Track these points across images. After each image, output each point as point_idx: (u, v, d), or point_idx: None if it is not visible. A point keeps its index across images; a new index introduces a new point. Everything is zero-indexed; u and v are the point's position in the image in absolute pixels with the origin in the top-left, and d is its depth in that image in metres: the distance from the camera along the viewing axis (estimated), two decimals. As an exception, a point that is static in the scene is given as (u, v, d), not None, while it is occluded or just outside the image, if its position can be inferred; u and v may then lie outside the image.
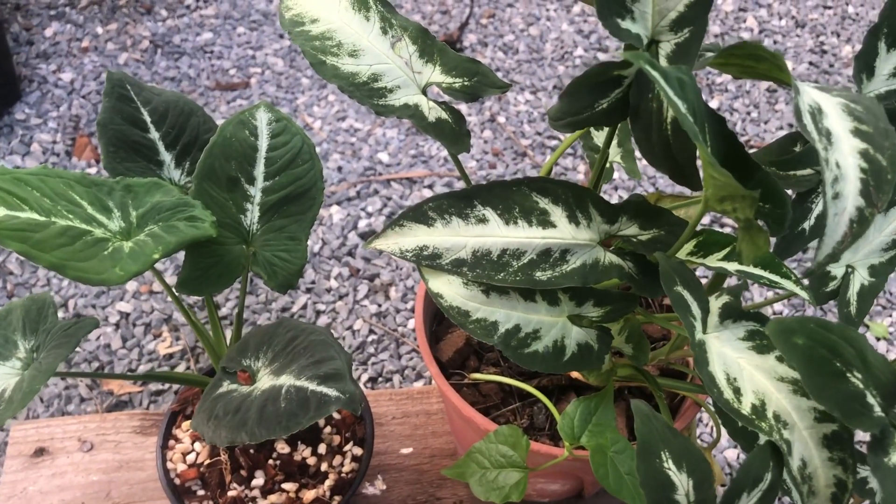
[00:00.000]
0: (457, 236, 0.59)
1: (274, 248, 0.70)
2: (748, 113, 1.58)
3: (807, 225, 0.59)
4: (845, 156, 0.42)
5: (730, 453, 1.11)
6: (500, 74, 1.62)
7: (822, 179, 0.41)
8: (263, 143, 0.73)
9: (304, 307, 1.24)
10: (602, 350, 0.61)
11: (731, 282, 1.04)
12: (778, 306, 1.29)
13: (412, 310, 1.25)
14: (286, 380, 0.57)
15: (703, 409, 0.72)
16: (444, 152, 1.47)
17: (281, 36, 1.66)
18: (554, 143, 1.51)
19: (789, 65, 1.73)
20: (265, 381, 0.59)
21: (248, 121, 0.73)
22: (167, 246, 0.62)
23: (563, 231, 0.59)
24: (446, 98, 1.16)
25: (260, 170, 0.73)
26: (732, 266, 0.60)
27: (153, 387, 1.14)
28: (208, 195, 0.70)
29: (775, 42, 1.73)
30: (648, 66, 0.45)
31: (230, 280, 0.69)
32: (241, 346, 0.65)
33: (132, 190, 0.66)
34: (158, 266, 1.26)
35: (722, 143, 0.51)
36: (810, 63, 1.69)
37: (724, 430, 0.81)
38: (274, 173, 0.73)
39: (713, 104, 1.55)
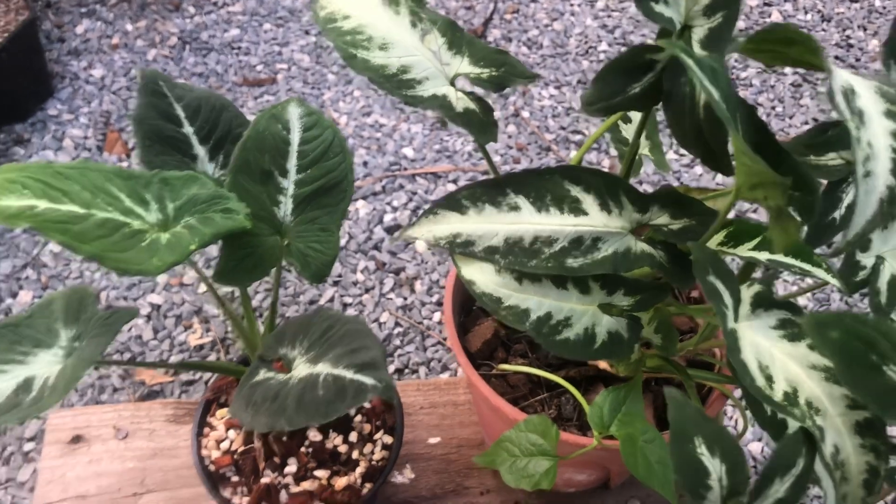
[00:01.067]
0: (489, 224, 0.60)
1: (307, 240, 0.72)
2: (773, 108, 1.58)
3: (837, 214, 0.59)
4: (877, 136, 0.42)
5: (754, 446, 1.11)
6: (524, 69, 1.63)
7: (854, 158, 0.42)
8: (296, 137, 0.74)
9: (332, 300, 1.26)
10: (632, 339, 0.61)
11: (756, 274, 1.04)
12: (802, 300, 1.28)
13: (437, 303, 1.26)
14: (323, 368, 0.58)
15: (729, 401, 0.72)
16: (469, 147, 1.47)
17: (307, 32, 1.67)
18: (578, 138, 1.51)
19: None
20: (302, 369, 0.61)
21: (280, 115, 0.74)
22: (203, 237, 0.63)
23: (594, 219, 0.60)
24: (474, 89, 1.17)
25: (293, 163, 0.74)
26: (763, 255, 0.60)
27: (184, 377, 1.16)
28: (243, 188, 0.71)
29: (801, 36, 1.72)
30: (683, 54, 0.46)
31: (265, 270, 0.71)
32: (278, 334, 0.67)
33: (169, 183, 0.68)
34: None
35: (753, 131, 0.52)
36: (836, 57, 1.68)
37: (749, 424, 0.81)
38: (306, 166, 0.74)
39: (738, 98, 1.54)
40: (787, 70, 1.63)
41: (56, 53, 1.59)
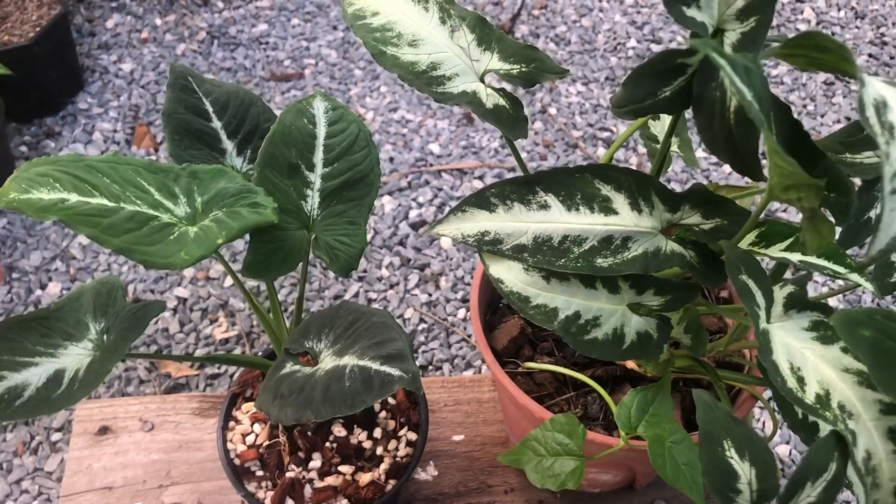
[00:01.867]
0: (518, 222, 0.60)
1: (334, 233, 0.72)
2: (804, 106, 1.55)
3: (873, 214, 0.58)
4: (912, 149, 0.41)
5: (782, 449, 1.10)
6: (551, 66, 1.62)
7: (881, 174, 0.41)
8: (321, 131, 0.74)
9: (356, 295, 1.26)
10: (661, 339, 0.61)
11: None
12: (832, 301, 1.27)
13: (462, 300, 1.26)
14: (349, 360, 0.58)
15: (758, 403, 0.71)
16: (495, 143, 1.47)
17: (334, 27, 1.67)
18: (606, 135, 1.50)
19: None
20: (328, 361, 0.61)
21: (305, 109, 0.74)
22: (231, 231, 0.63)
23: (625, 218, 0.59)
24: (504, 85, 1.16)
25: (319, 157, 0.74)
26: (795, 256, 0.59)
27: (209, 370, 1.16)
28: (270, 182, 0.71)
29: (833, 34, 1.69)
30: (715, 54, 0.45)
31: (293, 264, 0.71)
32: (304, 328, 0.67)
33: (198, 176, 0.68)
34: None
35: (787, 132, 0.51)
36: (870, 55, 1.65)
37: (777, 427, 0.80)
38: (332, 160, 0.74)
39: (769, 96, 1.52)
40: (819, 68, 1.60)
41: (87, 47, 1.61)
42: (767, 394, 0.90)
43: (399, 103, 1.54)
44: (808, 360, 0.52)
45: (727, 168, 1.43)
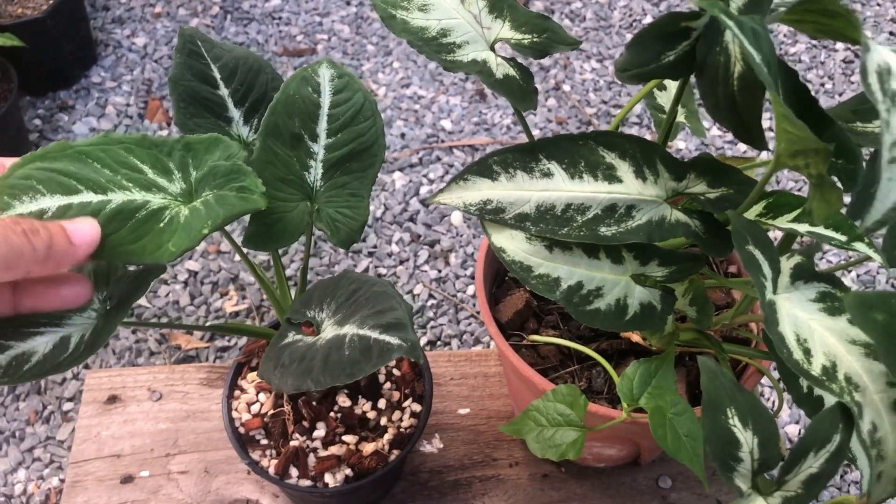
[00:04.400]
0: (521, 190, 0.59)
1: (337, 205, 0.71)
2: (822, 84, 1.53)
3: (884, 185, 0.57)
4: (911, 119, 0.40)
5: (791, 429, 1.09)
6: (565, 42, 1.60)
7: (881, 142, 0.40)
8: (326, 100, 0.73)
9: (366, 270, 1.26)
10: (665, 311, 0.60)
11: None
12: (847, 281, 1.25)
13: (471, 276, 1.26)
14: (349, 329, 0.58)
15: (767, 382, 0.71)
16: (507, 120, 1.46)
17: (347, 3, 1.66)
18: (619, 110, 1.48)
19: (868, 35, 1.66)
20: (329, 331, 0.60)
21: (311, 77, 0.73)
22: (216, 220, 0.59)
23: (629, 186, 0.58)
24: (515, 54, 1.15)
25: (323, 126, 0.73)
26: (803, 227, 0.58)
27: (219, 342, 1.17)
28: (272, 152, 0.71)
29: (854, 11, 1.66)
30: (723, 15, 0.44)
31: (294, 236, 0.70)
32: (306, 298, 0.67)
33: (192, 148, 0.65)
34: (227, 227, 1.29)
35: (794, 97, 0.50)
36: (891, 33, 1.62)
37: (784, 404, 0.79)
38: (336, 130, 0.73)
39: (787, 74, 1.50)
40: (839, 46, 1.57)
41: (100, 21, 1.61)
42: (776, 374, 0.89)
43: (412, 79, 1.53)
44: (814, 331, 0.51)
45: (742, 146, 1.41)
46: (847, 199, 1.06)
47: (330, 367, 0.55)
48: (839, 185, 0.49)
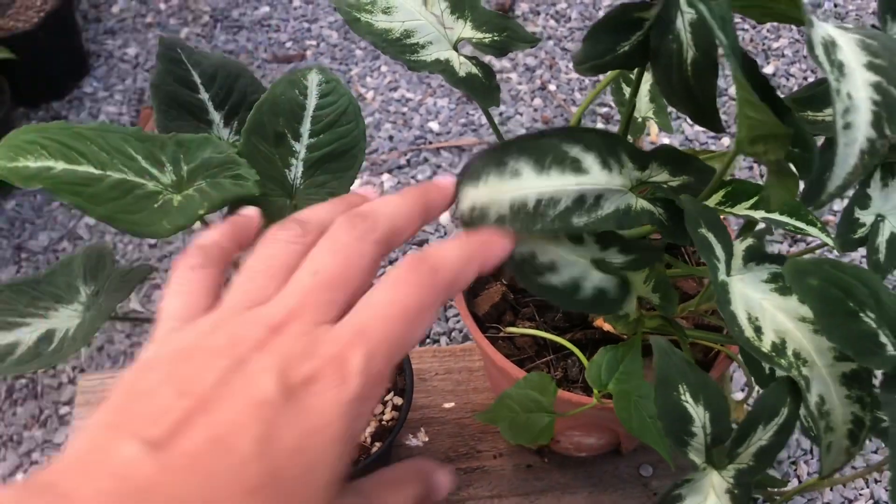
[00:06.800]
0: (497, 192, 0.60)
1: (315, 202, 0.73)
2: (805, 78, 1.55)
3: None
4: (858, 88, 0.42)
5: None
6: (551, 42, 1.62)
7: (833, 111, 0.42)
8: (311, 102, 0.76)
9: (355, 271, 1.28)
10: (618, 298, 0.61)
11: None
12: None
13: (459, 274, 1.27)
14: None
15: (737, 364, 0.72)
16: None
17: (335, 9, 1.69)
18: (605, 110, 1.50)
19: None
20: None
21: (298, 81, 0.76)
22: (212, 202, 0.64)
23: (595, 177, 0.60)
24: (477, 53, 1.17)
25: (306, 127, 0.75)
26: (759, 214, 0.60)
27: (211, 344, 1.19)
28: (255, 148, 0.73)
29: (836, 5, 1.68)
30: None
31: (274, 231, 0.73)
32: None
33: (184, 145, 0.69)
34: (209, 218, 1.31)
35: (754, 85, 0.52)
36: (873, 27, 1.64)
37: (754, 387, 0.81)
38: (319, 131, 0.75)
39: (769, 70, 1.52)
40: (822, 41, 1.59)
41: (92, 33, 1.64)
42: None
43: (399, 82, 1.55)
44: (765, 310, 0.53)
45: (726, 140, 1.43)
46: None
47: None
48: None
